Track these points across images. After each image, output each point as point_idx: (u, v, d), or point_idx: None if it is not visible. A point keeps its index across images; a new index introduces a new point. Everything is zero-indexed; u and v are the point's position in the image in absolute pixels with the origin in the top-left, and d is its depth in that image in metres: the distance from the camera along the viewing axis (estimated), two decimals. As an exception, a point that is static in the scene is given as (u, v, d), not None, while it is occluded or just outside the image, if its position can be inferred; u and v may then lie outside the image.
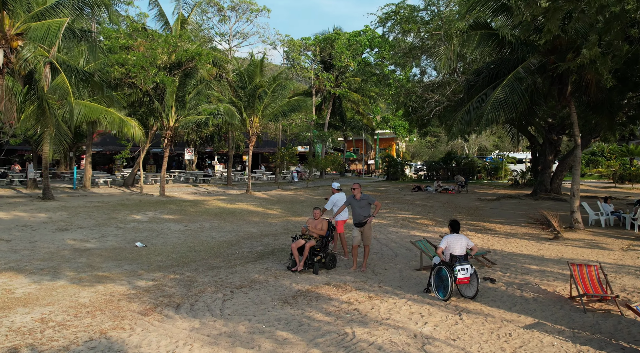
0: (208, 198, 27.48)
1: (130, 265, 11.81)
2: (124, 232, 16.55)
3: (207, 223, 18.77)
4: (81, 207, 21.59)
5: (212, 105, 27.28)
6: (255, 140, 31.04)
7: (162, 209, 21.93)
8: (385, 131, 52.68)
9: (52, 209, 20.67)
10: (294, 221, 19.40)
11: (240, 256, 12.69)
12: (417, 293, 8.93)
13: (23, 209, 20.47)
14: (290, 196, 29.30)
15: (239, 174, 39.89)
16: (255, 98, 28.47)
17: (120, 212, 20.57)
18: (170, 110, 26.45)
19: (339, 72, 42.63)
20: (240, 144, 43.34)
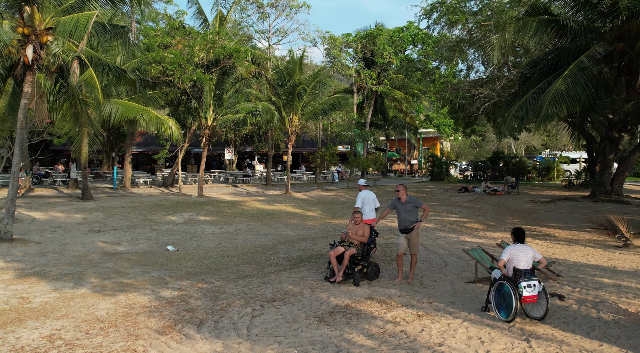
0: (246, 198, 26.80)
1: (158, 271, 11.06)
2: (157, 234, 15.92)
3: (243, 226, 17.98)
4: (118, 208, 21.23)
5: (250, 103, 26.59)
6: (295, 139, 30.21)
7: (198, 210, 21.33)
8: (429, 130, 50.97)
9: (89, 209, 20.36)
10: (333, 224, 18.37)
11: (275, 263, 11.76)
12: (473, 312, 7.73)
13: (60, 210, 20.24)
14: (330, 197, 28.31)
15: (279, 175, 39.20)
16: (295, 96, 27.60)
17: (156, 213, 20.06)
18: (208, 109, 25.89)
19: (381, 69, 41.32)
20: (280, 143, 42.68)
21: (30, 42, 13.18)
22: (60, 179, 31.27)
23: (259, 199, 26.15)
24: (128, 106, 22.39)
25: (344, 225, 17.96)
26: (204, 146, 26.59)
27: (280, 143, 42.85)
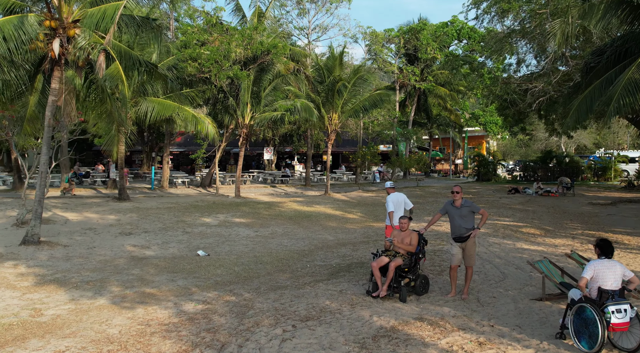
0: (284, 199, 25.91)
1: (185, 279, 10.18)
2: (189, 237, 15.14)
3: (279, 228, 17.03)
4: (153, 209, 20.67)
5: (288, 101, 25.66)
6: (335, 139, 29.13)
7: (234, 211, 20.54)
8: (475, 129, 48.99)
9: (124, 210, 19.86)
10: (375, 228, 17.19)
11: (311, 272, 10.70)
12: (546, 339, 6.44)
13: (95, 211, 19.82)
14: (371, 199, 27.09)
15: (318, 175, 38.24)
16: (334, 93, 26.53)
17: (191, 214, 19.37)
18: (245, 107, 25.13)
19: (425, 65, 39.74)
20: (320, 143, 41.72)
21: (57, 36, 12.60)
22: (99, 180, 31.23)
23: (297, 200, 25.21)
24: (164, 104, 21.84)
25: (383, 227, 16.80)
26: (241, 145, 25.85)
27: (320, 142, 41.91)
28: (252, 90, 25.16)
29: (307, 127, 33.38)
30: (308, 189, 32.69)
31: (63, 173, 27.75)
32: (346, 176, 39.92)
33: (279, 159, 49.81)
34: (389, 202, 10.72)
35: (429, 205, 23.58)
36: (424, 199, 26.30)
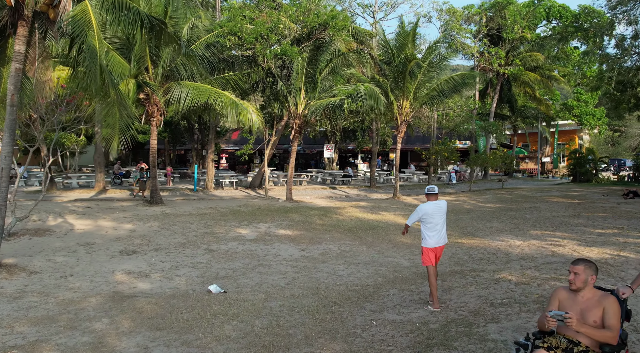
0: (344, 204, 21.54)
1: (167, 347, 6.04)
2: (211, 259, 11.11)
3: (334, 246, 12.68)
4: (183, 215, 16.95)
5: (350, 86, 21.27)
6: (405, 132, 24.39)
7: (280, 219, 16.43)
8: (566, 122, 42.56)
9: (147, 217, 16.24)
10: (466, 247, 12.48)
11: (380, 338, 6.25)
12: None
13: (115, 217, 16.31)
14: (451, 204, 22.14)
15: (384, 175, 33.62)
16: (406, 75, 21.88)
17: (226, 224, 15.44)
18: (298, 93, 20.99)
19: (510, 47, 34.08)
20: (386, 139, 37.04)
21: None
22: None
23: (360, 206, 20.77)
24: (199, 88, 18.08)
25: (480, 247, 12.05)
26: (294, 138, 21.73)
27: (387, 138, 37.23)
28: (306, 72, 20.99)
29: (372, 119, 28.87)
30: (373, 191, 28.16)
31: (97, 172, 24.73)
32: (417, 176, 35.01)
33: (341, 157, 45.54)
34: (418, 211, 7.59)
35: (529, 212, 18.46)
36: (518, 204, 21.11)
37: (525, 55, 33.44)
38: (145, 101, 18.98)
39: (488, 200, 23.23)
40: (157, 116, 19.40)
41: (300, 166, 46.32)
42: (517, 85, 36.79)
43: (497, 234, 14.44)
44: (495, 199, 23.69)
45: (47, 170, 16.68)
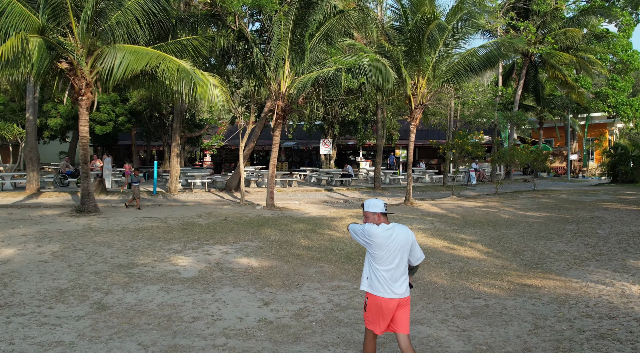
0: (342, 212, 16.34)
1: None
2: (89, 329, 5.90)
3: (321, 293, 7.49)
4: (112, 231, 11.83)
5: (349, 57, 16.07)
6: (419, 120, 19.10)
7: (249, 238, 11.24)
8: (598, 114, 37.29)
9: (55, 235, 11.16)
10: (545, 295, 7.24)
11: None
12: None
13: (7, 235, 11.16)
14: (481, 211, 16.98)
15: (390, 174, 28.39)
16: (423, 42, 16.66)
17: (165, 246, 10.30)
18: (282, 65, 15.79)
19: (541, 22, 28.74)
20: (392, 133, 31.79)
21: None
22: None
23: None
24: (138, 52, 12.85)
25: (571, 296, 6.59)
26: (276, 125, 16.48)
27: (393, 132, 31.97)
28: (291, 38, 15.78)
29: (378, 105, 23.64)
30: (377, 194, 22.93)
31: (29, 171, 19.49)
32: (428, 176, 29.77)
33: (339, 154, 40.31)
34: (363, 230, 4.46)
35: (597, 226, 13.24)
36: (571, 213, 15.92)
37: (558, 32, 28.12)
38: (70, 73, 13.78)
39: (527, 207, 17.99)
40: (87, 93, 14.19)
41: (294, 164, 41.05)
42: (546, 69, 31.46)
43: (579, 265, 9.25)
44: (535, 205, 18.46)
45: None
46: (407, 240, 4.41)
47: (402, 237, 4.39)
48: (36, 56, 11.61)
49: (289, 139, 37.34)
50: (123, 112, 26.07)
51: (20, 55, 11.32)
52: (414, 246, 4.50)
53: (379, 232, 4.32)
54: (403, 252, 4.38)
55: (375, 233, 4.31)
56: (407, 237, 4.42)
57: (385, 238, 4.31)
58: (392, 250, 4.33)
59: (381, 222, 4.41)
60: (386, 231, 4.34)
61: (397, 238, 4.35)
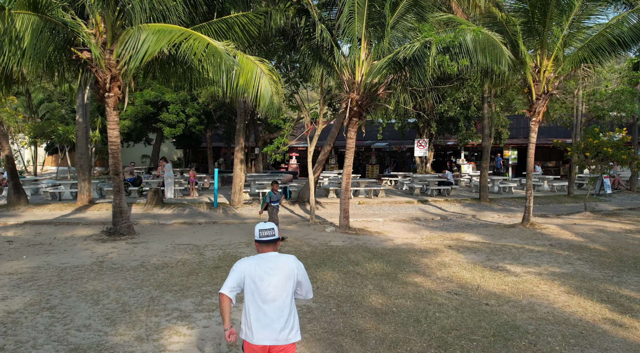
0: (439, 239, 12.33)
1: None
2: None
3: None
4: (123, 269, 9.01)
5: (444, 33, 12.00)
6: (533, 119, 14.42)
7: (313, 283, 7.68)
8: None
9: (43, 278, 8.40)
10: None
11: None
12: None
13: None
14: (638, 240, 12.14)
15: (499, 181, 23.59)
16: (550, 7, 12.17)
17: (176, 302, 7.19)
18: (356, 46, 12.09)
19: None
20: (501, 131, 26.83)
21: None
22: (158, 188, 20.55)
23: (467, 244, 11.46)
24: (161, 31, 9.79)
25: None
26: (349, 124, 12.80)
27: (501, 129, 26.99)
28: (368, 11, 12.02)
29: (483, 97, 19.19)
30: (484, 208, 18.43)
31: (80, 180, 17.44)
32: (547, 183, 24.52)
33: (437, 156, 35.70)
34: (234, 270, 3.70)
35: None
36: None
37: None
38: (93, 64, 11.08)
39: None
40: (114, 88, 11.44)
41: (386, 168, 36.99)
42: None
43: None
44: None
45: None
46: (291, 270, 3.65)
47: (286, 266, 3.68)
48: (28, 41, 8.88)
49: (379, 140, 33.48)
50: (194, 112, 23.75)
51: (4, 38, 8.61)
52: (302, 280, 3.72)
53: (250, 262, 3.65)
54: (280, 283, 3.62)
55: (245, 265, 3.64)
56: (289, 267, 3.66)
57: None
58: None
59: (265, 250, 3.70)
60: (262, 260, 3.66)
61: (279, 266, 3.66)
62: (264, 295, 3.55)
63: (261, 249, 3.71)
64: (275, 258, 3.66)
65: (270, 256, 3.66)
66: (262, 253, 3.70)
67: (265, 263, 3.62)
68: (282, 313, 3.58)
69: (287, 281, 3.61)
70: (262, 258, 3.65)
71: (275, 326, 3.53)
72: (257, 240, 3.72)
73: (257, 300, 3.56)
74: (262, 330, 3.53)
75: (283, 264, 3.65)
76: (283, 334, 3.55)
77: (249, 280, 3.57)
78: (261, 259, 3.64)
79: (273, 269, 3.60)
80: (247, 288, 3.59)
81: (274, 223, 3.83)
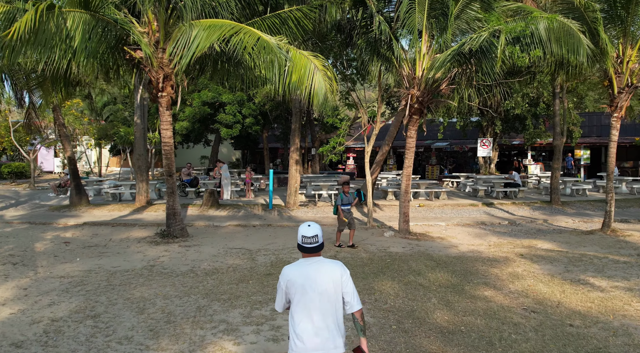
0: (509, 245, 11.35)
1: None
2: None
3: None
4: (173, 275, 8.76)
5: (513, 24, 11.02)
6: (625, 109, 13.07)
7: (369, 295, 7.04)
8: None
9: (92, 283, 8.20)
10: None
11: None
12: None
13: (42, 277, 8.51)
14: None
15: (571, 182, 21.95)
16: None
17: (224, 312, 6.78)
18: (416, 39, 11.29)
19: None
20: (572, 129, 25.07)
21: None
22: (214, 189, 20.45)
23: (541, 252, 10.42)
24: (212, 26, 9.44)
25: None
26: (409, 123, 12.01)
27: (573, 128, 25.21)
28: (429, 0, 11.20)
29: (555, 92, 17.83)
30: (556, 212, 17.08)
31: (138, 181, 17.54)
32: (625, 185, 22.62)
33: (501, 156, 34.02)
34: (280, 282, 3.57)
35: None
36: None
37: None
38: (145, 63, 10.89)
39: None
40: (167, 88, 11.23)
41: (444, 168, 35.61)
42: None
43: None
44: None
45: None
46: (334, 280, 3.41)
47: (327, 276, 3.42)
48: (79, 40, 8.71)
49: (439, 139, 32.28)
50: (250, 112, 23.59)
51: (55, 37, 8.47)
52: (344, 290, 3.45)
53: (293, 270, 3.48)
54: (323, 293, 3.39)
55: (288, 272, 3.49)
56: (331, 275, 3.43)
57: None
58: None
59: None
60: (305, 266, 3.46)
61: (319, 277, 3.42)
62: (309, 303, 3.35)
63: (304, 254, 3.51)
64: (319, 264, 3.44)
65: (314, 262, 3.46)
66: (305, 258, 3.51)
67: (308, 269, 3.42)
68: (327, 322, 3.37)
69: (332, 288, 3.38)
70: (305, 264, 3.46)
71: (321, 335, 3.35)
72: (300, 245, 3.50)
73: (302, 309, 3.38)
74: (308, 340, 3.34)
75: (327, 270, 3.43)
76: (329, 344, 3.35)
77: (293, 290, 3.40)
78: (304, 265, 3.45)
79: (317, 276, 3.38)
80: (293, 298, 3.44)
81: (318, 228, 3.51)
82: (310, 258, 3.47)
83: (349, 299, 3.44)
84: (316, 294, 3.35)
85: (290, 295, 3.43)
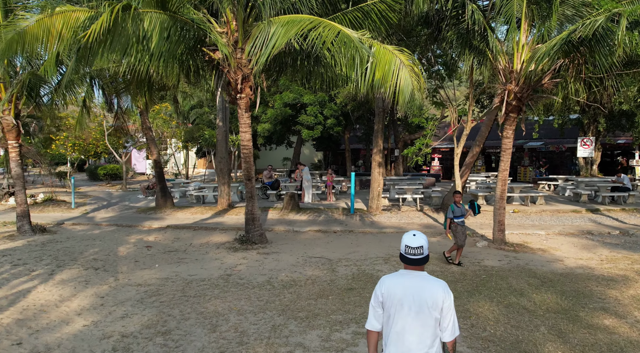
0: (622, 258, 9.89)
1: None
2: None
3: None
4: (249, 286, 8.35)
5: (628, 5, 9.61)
6: None
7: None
8: None
9: (169, 291, 7.92)
10: None
11: None
12: None
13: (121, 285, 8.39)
14: None
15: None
16: None
17: (301, 334, 6.17)
18: (514, 29, 10.11)
19: None
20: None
21: None
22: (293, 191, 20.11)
23: (667, 271, 8.91)
24: (290, 22, 8.91)
25: None
26: (505, 122, 10.83)
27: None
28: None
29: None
30: (677, 220, 14.99)
31: (220, 184, 17.52)
32: None
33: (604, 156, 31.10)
34: (375, 291, 3.33)
35: None
36: None
37: None
38: (223, 64, 10.59)
39: None
40: (246, 89, 10.87)
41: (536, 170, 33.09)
42: None
43: None
44: None
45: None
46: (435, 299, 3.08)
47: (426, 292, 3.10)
48: (156, 41, 8.47)
49: (533, 139, 30.05)
50: (332, 113, 23.06)
51: (132, 38, 8.28)
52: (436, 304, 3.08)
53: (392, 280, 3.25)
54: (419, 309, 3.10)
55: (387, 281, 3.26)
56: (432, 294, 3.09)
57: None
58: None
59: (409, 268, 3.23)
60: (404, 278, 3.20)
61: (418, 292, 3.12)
62: (403, 323, 3.10)
63: (405, 266, 3.24)
64: (421, 280, 3.14)
65: (416, 276, 3.16)
66: (407, 270, 3.22)
67: (409, 284, 3.14)
68: (423, 345, 3.08)
69: (430, 310, 3.07)
70: (407, 277, 3.18)
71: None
72: (402, 256, 3.23)
73: (395, 329, 3.13)
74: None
75: (430, 288, 3.09)
76: None
77: (390, 302, 3.16)
78: (406, 278, 3.18)
79: (416, 293, 3.08)
80: (388, 312, 3.18)
81: (424, 238, 3.20)
82: (413, 272, 3.18)
83: (446, 325, 3.08)
84: (413, 313, 3.07)
85: (386, 307, 3.17)
